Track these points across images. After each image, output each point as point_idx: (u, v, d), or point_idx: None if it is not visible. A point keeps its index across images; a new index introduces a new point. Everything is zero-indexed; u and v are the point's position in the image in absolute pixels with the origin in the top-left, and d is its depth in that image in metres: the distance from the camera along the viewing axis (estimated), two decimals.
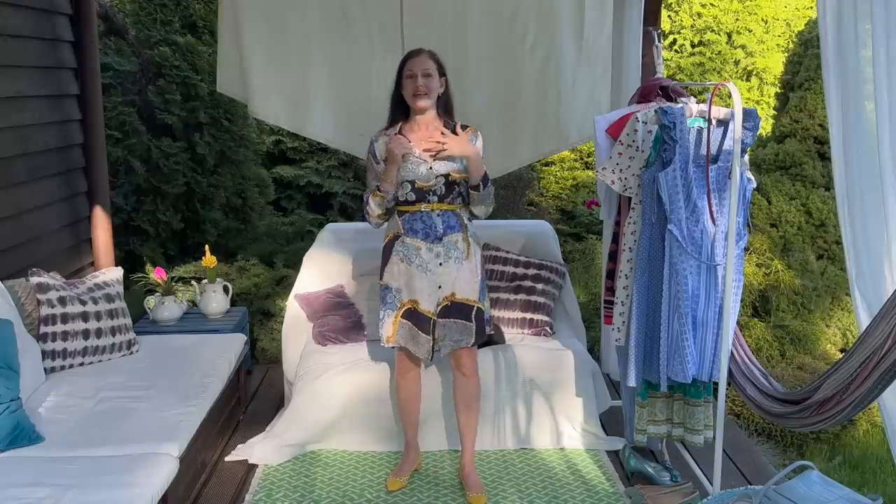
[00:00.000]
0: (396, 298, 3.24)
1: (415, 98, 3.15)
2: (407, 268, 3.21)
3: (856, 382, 2.52)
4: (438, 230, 3.19)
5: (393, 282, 3.25)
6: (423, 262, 3.19)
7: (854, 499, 2.37)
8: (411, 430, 3.53)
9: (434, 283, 3.20)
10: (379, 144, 3.26)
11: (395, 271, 3.24)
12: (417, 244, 3.19)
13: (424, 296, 3.21)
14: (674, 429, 3.31)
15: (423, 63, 3.14)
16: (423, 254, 3.19)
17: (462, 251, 3.22)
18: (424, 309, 3.22)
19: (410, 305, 3.23)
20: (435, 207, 3.20)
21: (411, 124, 3.24)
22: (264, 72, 4.11)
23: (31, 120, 4.06)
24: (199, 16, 6.91)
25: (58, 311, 3.45)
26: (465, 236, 3.24)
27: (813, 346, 5.25)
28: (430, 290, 3.21)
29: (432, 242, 3.18)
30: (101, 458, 2.73)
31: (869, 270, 2.68)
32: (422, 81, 3.12)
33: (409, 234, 3.20)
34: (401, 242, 3.22)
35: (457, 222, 3.23)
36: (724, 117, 3.02)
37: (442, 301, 3.22)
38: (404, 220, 3.22)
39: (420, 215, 3.20)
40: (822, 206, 5.93)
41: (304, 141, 7.74)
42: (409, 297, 3.23)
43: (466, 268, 3.23)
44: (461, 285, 3.22)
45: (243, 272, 5.77)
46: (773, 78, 8.94)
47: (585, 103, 4.18)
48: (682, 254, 3.00)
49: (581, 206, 7.92)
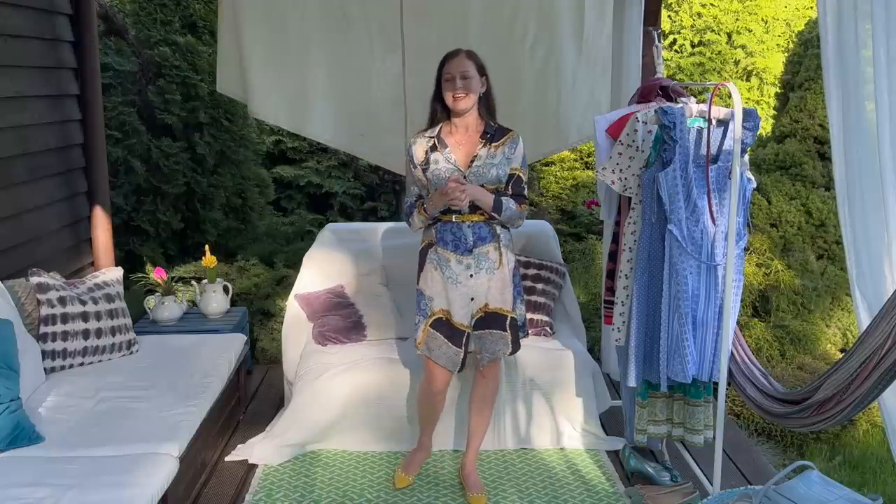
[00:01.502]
0: (428, 306, 3.19)
1: (454, 101, 3.07)
2: (441, 277, 3.16)
3: (856, 382, 2.52)
4: (468, 242, 3.13)
5: (427, 289, 3.20)
6: (453, 275, 3.14)
7: (854, 499, 2.37)
8: (428, 431, 3.50)
9: (466, 296, 3.15)
10: (416, 148, 3.17)
11: (430, 279, 3.19)
12: (448, 255, 3.14)
13: (457, 308, 3.15)
14: (674, 429, 3.31)
15: (461, 64, 3.07)
16: (452, 265, 3.13)
17: (494, 261, 3.16)
18: (458, 322, 3.16)
19: (442, 315, 3.18)
20: (465, 219, 3.13)
21: (450, 126, 3.17)
22: (264, 72, 4.10)
23: (31, 120, 4.06)
24: (199, 16, 6.92)
25: (58, 311, 3.45)
26: (497, 245, 3.17)
27: (813, 346, 5.25)
28: (462, 302, 3.15)
29: (462, 254, 3.13)
30: (101, 458, 2.73)
31: (869, 270, 2.68)
32: (460, 84, 3.05)
33: (441, 244, 3.16)
34: (434, 251, 3.18)
35: (488, 233, 3.15)
36: (724, 117, 3.02)
37: (476, 313, 3.17)
38: (437, 228, 3.17)
39: (450, 226, 3.14)
40: (822, 206, 5.93)
41: (304, 141, 7.74)
42: (440, 307, 3.18)
43: (498, 277, 3.16)
44: (494, 294, 3.16)
45: (243, 272, 5.77)
46: (773, 78, 8.94)
47: (585, 103, 4.18)
48: (682, 254, 3.00)
49: (581, 206, 7.93)
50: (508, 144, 3.15)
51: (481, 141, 3.13)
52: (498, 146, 3.13)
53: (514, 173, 3.17)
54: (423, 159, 3.14)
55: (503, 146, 3.14)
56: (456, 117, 3.14)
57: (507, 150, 3.14)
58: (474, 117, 3.15)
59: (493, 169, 3.10)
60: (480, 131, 3.14)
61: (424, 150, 3.15)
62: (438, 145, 3.13)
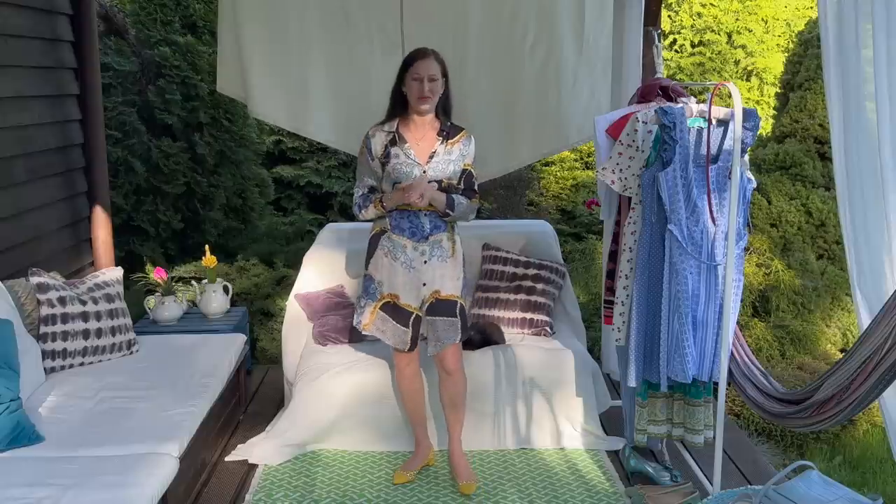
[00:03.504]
0: (377, 290, 3.30)
1: (419, 101, 3.16)
2: (391, 263, 3.26)
3: (856, 382, 2.52)
4: (425, 230, 3.23)
5: (376, 274, 3.30)
6: (407, 260, 3.24)
7: (854, 499, 2.37)
8: (419, 427, 3.55)
9: (418, 280, 3.25)
10: (375, 140, 3.26)
11: (380, 265, 3.29)
12: (404, 242, 3.24)
13: (405, 291, 3.26)
14: (674, 429, 3.31)
15: (430, 67, 3.14)
16: (408, 251, 3.24)
17: (447, 249, 3.28)
18: (405, 303, 3.27)
19: (390, 299, 3.28)
20: (423, 208, 3.22)
21: (408, 122, 3.26)
22: (264, 72, 4.10)
23: (31, 120, 4.06)
24: (199, 16, 6.92)
25: (58, 311, 3.45)
26: (450, 235, 3.30)
27: (813, 346, 5.26)
28: (412, 286, 3.25)
29: (418, 241, 3.23)
30: (101, 458, 2.73)
31: (870, 270, 2.68)
32: (428, 86, 3.13)
33: (396, 231, 3.25)
34: (387, 238, 3.27)
35: (443, 222, 3.27)
36: (724, 117, 3.02)
37: (427, 298, 3.26)
38: (392, 217, 3.26)
39: (408, 214, 3.23)
40: (822, 206, 5.94)
41: (304, 141, 7.74)
42: (389, 291, 3.28)
43: (450, 265, 3.28)
44: (446, 282, 3.27)
45: (243, 272, 5.77)
46: (773, 78, 8.95)
47: (585, 103, 4.17)
48: (682, 254, 3.00)
49: (581, 206, 7.93)
50: (463, 142, 3.29)
51: (438, 138, 3.25)
52: (454, 143, 3.27)
53: (467, 169, 3.31)
54: (383, 153, 3.24)
55: (458, 143, 3.28)
56: (416, 115, 3.23)
57: (463, 147, 3.29)
58: (432, 116, 3.27)
59: (451, 165, 3.24)
60: (437, 129, 3.26)
61: (384, 144, 3.24)
62: (398, 140, 3.23)
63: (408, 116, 3.25)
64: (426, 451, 3.57)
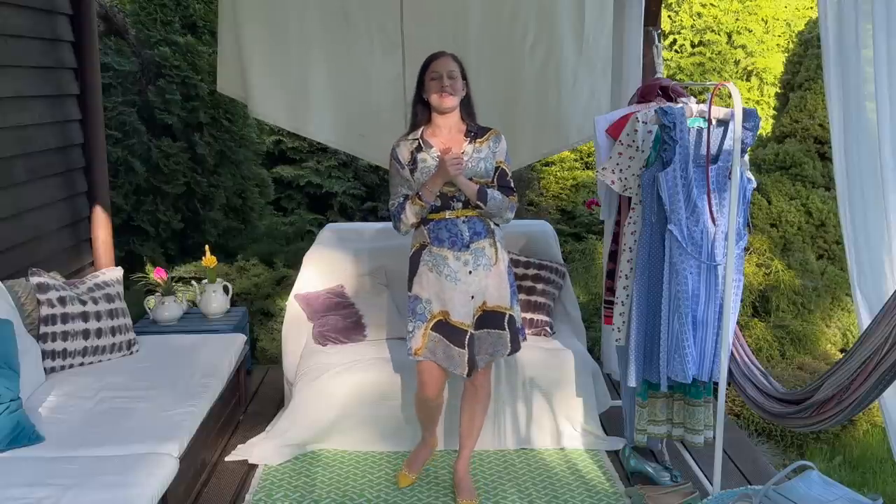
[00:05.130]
0: (427, 310, 3.13)
1: (441, 98, 3.07)
2: (437, 278, 3.10)
3: (856, 382, 2.52)
4: (465, 237, 3.10)
5: (423, 292, 3.14)
6: (451, 272, 3.09)
7: (854, 499, 2.37)
8: (430, 431, 3.48)
9: (466, 293, 3.10)
10: (401, 149, 3.15)
11: (425, 281, 3.13)
12: (445, 253, 3.09)
13: (457, 307, 3.10)
14: (674, 429, 3.31)
15: (447, 64, 3.08)
16: (450, 263, 3.09)
17: (490, 257, 3.13)
18: (457, 321, 3.10)
19: (441, 317, 3.12)
20: (460, 214, 3.11)
21: (433, 129, 3.17)
22: (264, 72, 4.10)
23: (31, 120, 4.06)
24: (199, 16, 6.92)
25: (58, 311, 3.45)
26: (492, 241, 3.14)
27: (813, 346, 5.26)
28: (461, 299, 3.10)
29: (459, 251, 3.09)
30: (101, 458, 2.73)
31: (870, 270, 2.68)
32: (448, 82, 3.06)
33: (436, 243, 3.11)
34: (428, 252, 3.13)
35: (483, 228, 3.14)
36: (724, 117, 3.02)
37: (476, 311, 3.14)
38: (429, 228, 3.14)
39: (445, 223, 3.11)
40: (822, 206, 5.94)
41: (304, 141, 7.74)
42: (440, 308, 3.12)
43: (495, 273, 3.14)
44: (492, 292, 3.14)
45: (243, 272, 5.77)
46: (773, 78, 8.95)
47: (585, 103, 4.17)
48: (682, 254, 3.00)
49: (581, 206, 7.93)
50: (493, 140, 3.19)
51: (466, 138, 3.16)
52: (483, 142, 3.16)
53: (500, 166, 3.19)
54: (410, 160, 3.14)
55: (487, 141, 3.17)
56: (439, 117, 3.14)
57: (492, 144, 3.18)
58: (457, 119, 3.17)
59: (481, 163, 3.12)
60: (463, 131, 3.17)
61: (410, 152, 3.14)
62: (423, 146, 3.14)
63: (432, 123, 3.17)
64: (430, 450, 3.54)
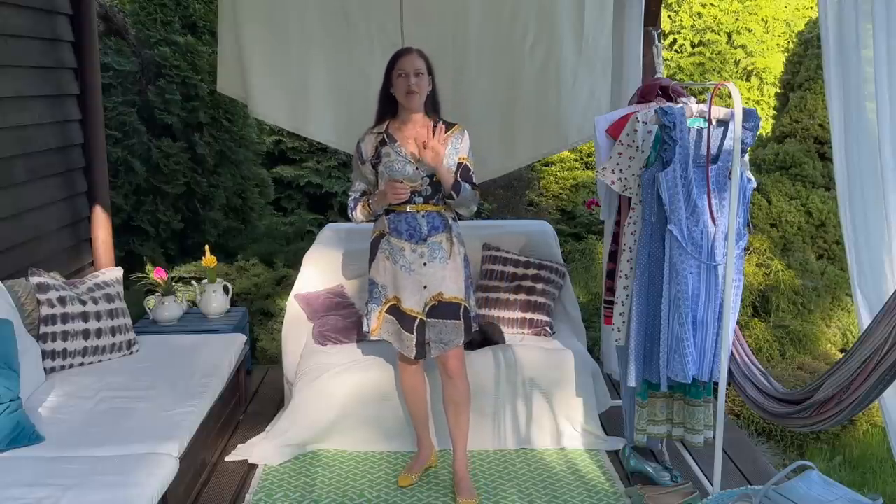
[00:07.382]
0: (382, 294, 3.28)
1: (408, 96, 3.15)
2: (392, 266, 3.24)
3: (856, 382, 2.52)
4: (423, 231, 3.21)
5: (379, 278, 3.29)
6: (406, 263, 3.22)
7: (854, 499, 2.37)
8: (421, 429, 3.54)
9: (419, 283, 3.22)
10: (365, 144, 3.28)
11: (381, 268, 3.28)
12: (402, 245, 3.22)
13: (408, 294, 3.23)
14: (674, 429, 3.31)
15: (414, 63, 3.15)
16: (406, 254, 3.22)
17: (446, 251, 3.24)
18: (407, 308, 3.23)
19: (394, 302, 3.26)
20: (420, 208, 3.21)
21: (399, 123, 3.26)
22: (264, 72, 4.10)
23: (31, 120, 4.06)
24: (199, 16, 6.92)
25: (58, 311, 3.45)
26: (448, 236, 3.25)
27: (813, 346, 5.26)
28: (413, 289, 3.22)
29: (416, 243, 3.21)
30: (101, 458, 2.73)
31: (870, 270, 2.68)
32: (414, 80, 3.14)
33: (394, 234, 3.23)
34: (386, 241, 3.26)
35: (441, 223, 3.24)
36: (724, 117, 3.02)
37: (429, 301, 3.23)
38: (389, 219, 3.25)
39: (405, 216, 3.22)
40: (822, 206, 5.94)
41: (304, 141, 7.74)
42: (393, 294, 3.26)
43: (451, 267, 3.25)
44: (448, 284, 3.24)
45: (243, 272, 5.77)
46: (773, 78, 8.95)
47: (585, 103, 4.17)
48: (682, 254, 3.00)
49: (581, 206, 7.94)
50: (456, 135, 3.26)
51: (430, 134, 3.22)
52: (447, 137, 3.22)
53: (462, 162, 3.26)
54: (374, 154, 3.25)
55: (451, 137, 3.24)
56: (405, 112, 3.22)
57: (455, 140, 3.25)
58: (422, 114, 3.25)
59: (445, 159, 3.18)
60: (429, 126, 3.21)
61: (374, 146, 3.25)
62: (387, 140, 3.23)
63: (398, 118, 3.26)
64: (428, 451, 3.57)
